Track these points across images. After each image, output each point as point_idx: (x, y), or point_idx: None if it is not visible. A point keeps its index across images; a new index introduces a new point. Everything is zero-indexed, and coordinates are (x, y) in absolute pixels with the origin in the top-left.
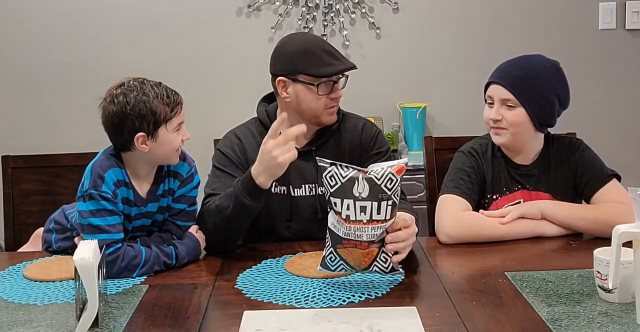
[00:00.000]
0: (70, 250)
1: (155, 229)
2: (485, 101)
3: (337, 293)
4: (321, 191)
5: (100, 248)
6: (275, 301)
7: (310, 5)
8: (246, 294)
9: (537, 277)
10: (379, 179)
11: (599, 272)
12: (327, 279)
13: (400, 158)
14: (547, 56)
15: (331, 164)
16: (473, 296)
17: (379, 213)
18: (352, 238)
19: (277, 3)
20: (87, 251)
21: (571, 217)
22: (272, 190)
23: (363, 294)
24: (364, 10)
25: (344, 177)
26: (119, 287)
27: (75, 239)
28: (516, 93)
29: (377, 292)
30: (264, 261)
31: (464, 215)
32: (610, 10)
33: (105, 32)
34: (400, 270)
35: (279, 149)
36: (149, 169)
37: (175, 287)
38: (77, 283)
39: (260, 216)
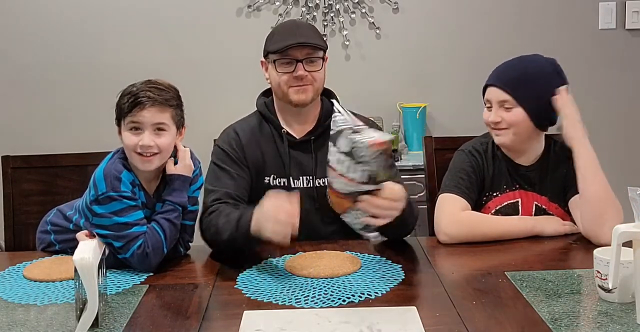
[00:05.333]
0: (69, 250)
1: None
2: (484, 104)
3: (337, 293)
4: (319, 183)
5: (131, 241)
6: (275, 301)
7: (310, 5)
8: (246, 294)
9: (537, 277)
10: (354, 143)
11: (599, 272)
12: (327, 279)
13: (398, 151)
14: (547, 56)
15: (342, 108)
16: (473, 296)
17: (350, 172)
18: (329, 181)
19: (277, 3)
20: (87, 251)
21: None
22: (272, 182)
23: (363, 294)
24: (364, 10)
25: (337, 127)
26: (119, 287)
27: (77, 235)
28: (512, 93)
29: (377, 292)
30: (264, 261)
31: (463, 214)
32: (610, 10)
33: (105, 32)
34: (375, 234)
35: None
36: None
37: (175, 287)
38: (77, 283)
39: None
